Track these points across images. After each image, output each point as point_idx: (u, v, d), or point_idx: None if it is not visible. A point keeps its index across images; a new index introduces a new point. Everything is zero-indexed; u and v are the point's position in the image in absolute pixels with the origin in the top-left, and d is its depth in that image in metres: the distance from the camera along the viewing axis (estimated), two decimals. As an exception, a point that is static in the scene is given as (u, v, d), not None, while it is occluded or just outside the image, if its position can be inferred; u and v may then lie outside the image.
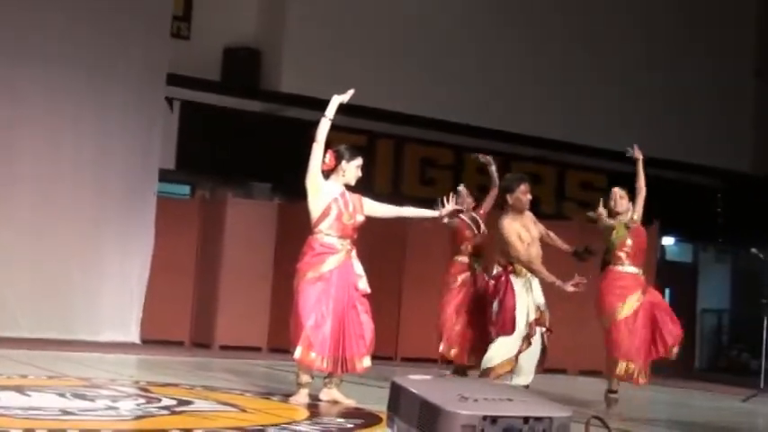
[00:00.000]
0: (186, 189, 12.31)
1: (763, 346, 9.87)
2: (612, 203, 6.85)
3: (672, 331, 6.72)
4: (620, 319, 6.65)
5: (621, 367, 6.63)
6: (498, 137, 13.24)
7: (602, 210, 6.78)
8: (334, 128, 14.78)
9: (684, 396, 7.05)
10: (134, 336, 10.42)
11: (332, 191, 5.87)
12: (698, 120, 14.60)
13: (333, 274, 5.75)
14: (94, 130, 10.48)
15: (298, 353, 5.67)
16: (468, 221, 7.78)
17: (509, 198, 6.67)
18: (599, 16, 14.11)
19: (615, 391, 6.74)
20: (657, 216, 9.75)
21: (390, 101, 12.41)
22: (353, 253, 5.89)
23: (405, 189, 12.91)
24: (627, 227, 6.80)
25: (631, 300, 6.70)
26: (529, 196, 6.74)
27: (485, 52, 13.27)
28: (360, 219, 5.89)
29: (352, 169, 5.90)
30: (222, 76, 12.13)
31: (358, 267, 5.87)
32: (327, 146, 5.93)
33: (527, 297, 6.54)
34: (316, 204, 5.81)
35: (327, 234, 5.80)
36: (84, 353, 8.85)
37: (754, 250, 9.43)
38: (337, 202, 5.82)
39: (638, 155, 7.00)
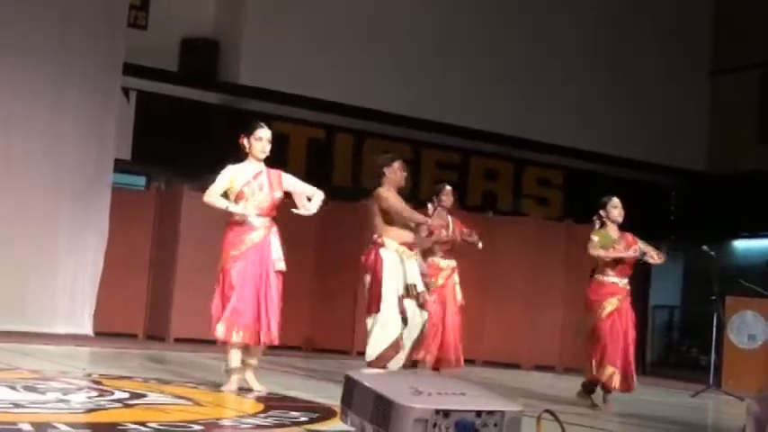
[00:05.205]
0: (141, 180, 12.19)
1: (713, 343, 10.06)
2: (613, 213, 6.99)
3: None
4: (604, 316, 6.80)
5: (608, 372, 6.76)
6: (456, 132, 13.31)
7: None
8: (294, 121, 14.66)
9: (636, 391, 7.19)
10: (87, 328, 10.30)
11: (244, 175, 6.06)
12: (654, 118, 14.77)
13: (251, 251, 5.95)
14: (48, 119, 10.33)
15: (221, 332, 5.92)
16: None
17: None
18: (557, 14, 14.21)
19: (609, 391, 6.88)
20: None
21: (349, 95, 12.40)
22: (274, 230, 6.08)
23: (364, 183, 12.93)
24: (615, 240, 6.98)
25: (612, 301, 6.89)
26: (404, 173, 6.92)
27: (444, 48, 13.30)
28: (278, 195, 6.08)
29: (253, 143, 6.12)
30: (180, 66, 12.02)
31: (276, 248, 6.04)
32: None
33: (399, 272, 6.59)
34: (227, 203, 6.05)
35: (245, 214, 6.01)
36: (36, 345, 8.75)
37: (705, 248, 9.58)
38: (250, 185, 6.03)
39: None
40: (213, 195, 6.07)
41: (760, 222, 14.13)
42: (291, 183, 6.20)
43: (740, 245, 15.13)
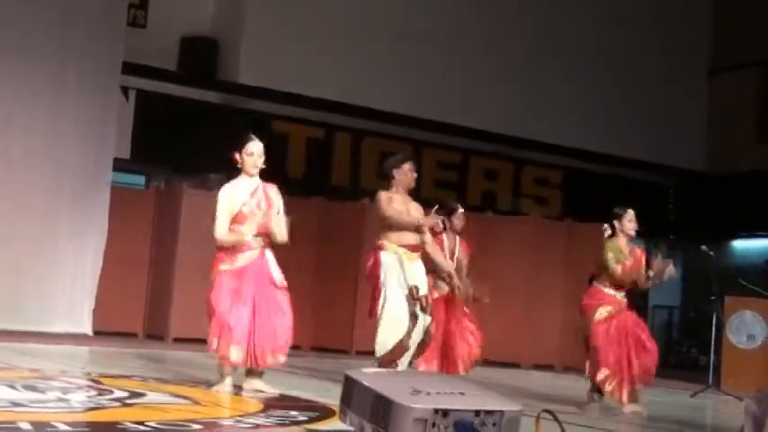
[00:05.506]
0: (141, 179, 12.20)
1: (712, 343, 10.05)
2: (627, 226, 6.99)
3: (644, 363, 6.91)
4: (601, 320, 6.79)
5: (601, 375, 6.76)
6: (456, 132, 13.31)
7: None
8: (293, 120, 14.62)
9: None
10: (86, 327, 10.31)
11: (240, 194, 5.94)
12: (654, 118, 14.78)
13: (246, 270, 5.84)
14: (48, 119, 10.33)
15: (215, 346, 5.81)
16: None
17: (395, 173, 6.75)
18: (557, 14, 14.22)
19: (602, 394, 6.86)
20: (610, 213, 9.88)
21: (349, 94, 12.40)
22: (267, 251, 5.95)
23: (363, 183, 12.94)
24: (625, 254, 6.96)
25: (607, 307, 6.87)
26: (414, 174, 6.82)
27: (444, 48, 13.30)
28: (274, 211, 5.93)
29: (245, 159, 5.96)
30: (179, 65, 12.02)
31: (273, 265, 5.92)
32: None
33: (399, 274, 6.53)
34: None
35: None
36: (36, 344, 8.75)
37: (704, 248, 9.58)
38: (248, 204, 5.90)
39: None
40: (223, 232, 5.91)
41: (759, 222, 14.13)
42: (276, 203, 6.01)
43: (739, 245, 15.14)
